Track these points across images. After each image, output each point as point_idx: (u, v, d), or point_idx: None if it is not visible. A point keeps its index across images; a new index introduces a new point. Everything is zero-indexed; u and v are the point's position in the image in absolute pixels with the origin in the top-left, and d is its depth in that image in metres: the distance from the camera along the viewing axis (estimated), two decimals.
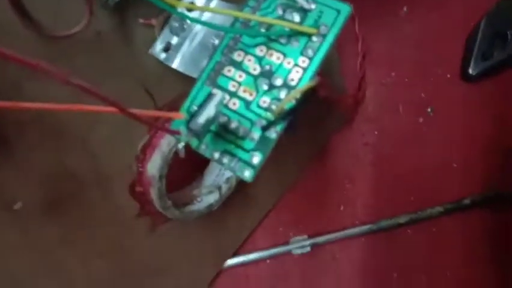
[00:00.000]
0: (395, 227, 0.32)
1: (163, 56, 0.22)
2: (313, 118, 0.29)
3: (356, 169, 0.33)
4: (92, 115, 0.22)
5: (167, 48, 0.22)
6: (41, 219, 0.22)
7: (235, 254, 0.32)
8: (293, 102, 0.18)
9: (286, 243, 0.32)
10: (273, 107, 0.18)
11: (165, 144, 0.23)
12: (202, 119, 0.15)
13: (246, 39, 0.19)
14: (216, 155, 0.19)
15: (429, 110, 0.34)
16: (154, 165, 0.24)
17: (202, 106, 0.16)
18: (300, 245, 0.32)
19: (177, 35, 0.22)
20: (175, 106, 0.24)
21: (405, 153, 0.33)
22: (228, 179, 0.27)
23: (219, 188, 0.27)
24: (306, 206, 0.33)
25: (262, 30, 0.19)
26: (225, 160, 0.18)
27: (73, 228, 0.23)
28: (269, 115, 0.18)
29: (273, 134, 0.18)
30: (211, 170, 0.28)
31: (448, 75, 0.34)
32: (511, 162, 0.32)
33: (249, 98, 0.19)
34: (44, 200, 0.22)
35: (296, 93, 0.18)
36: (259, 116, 0.19)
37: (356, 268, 0.32)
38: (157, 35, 0.22)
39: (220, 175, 0.28)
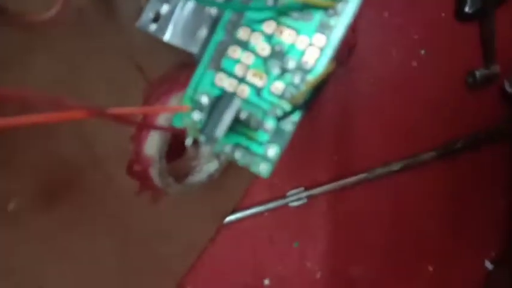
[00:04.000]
0: (389, 174, 0.32)
1: (152, 28, 0.20)
2: None
3: (348, 118, 0.33)
4: (81, 97, 0.20)
5: (156, 19, 0.20)
6: (39, 212, 0.21)
7: (233, 211, 0.32)
8: (311, 90, 0.16)
9: (283, 196, 0.32)
10: (288, 93, 0.17)
11: (162, 121, 0.22)
12: (220, 131, 0.14)
13: (251, 13, 0.17)
14: (227, 149, 0.17)
15: (422, 52, 0.33)
16: (152, 146, 0.22)
17: (217, 113, 0.14)
18: (296, 198, 0.32)
19: (167, 1, 0.20)
20: (168, 78, 0.22)
21: (398, 99, 0.33)
22: None
23: (218, 155, 0.27)
24: (301, 157, 0.33)
25: (270, 2, 0.17)
26: (238, 155, 0.17)
27: (73, 214, 0.22)
28: (284, 104, 0.17)
29: (289, 125, 0.17)
30: None
31: (443, 14, 0.33)
32: (501, 101, 0.33)
33: (259, 83, 0.17)
34: (40, 193, 0.20)
35: (314, 82, 0.16)
36: (272, 104, 0.17)
37: (351, 216, 0.33)
38: (143, 4, 0.19)
39: None
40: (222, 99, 0.15)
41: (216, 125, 0.14)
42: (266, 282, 0.32)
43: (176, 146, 0.25)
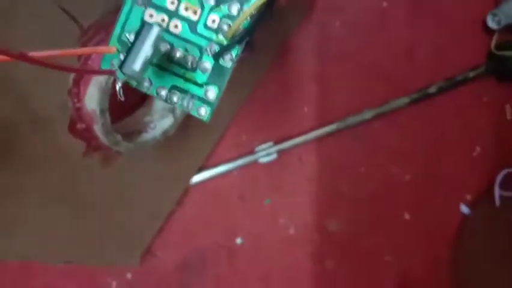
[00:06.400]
0: (362, 122, 0.31)
1: None
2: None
3: (318, 66, 0.31)
4: None
5: None
6: None
7: (200, 170, 0.30)
8: (248, 19, 0.15)
9: (252, 152, 0.31)
10: (225, 27, 0.15)
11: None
12: (138, 64, 0.12)
13: None
14: (163, 93, 0.16)
15: None
16: (92, 99, 0.20)
17: (135, 44, 0.12)
18: (266, 153, 0.31)
19: None
20: (104, 24, 0.20)
21: (369, 43, 0.31)
22: None
23: (173, 110, 0.25)
24: (269, 111, 0.31)
25: None
26: (175, 98, 0.16)
27: (15, 179, 0.20)
28: (221, 38, 0.15)
29: (228, 62, 0.15)
30: None
31: None
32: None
33: (193, 17, 0.15)
34: None
35: (251, 9, 0.14)
36: (208, 39, 0.15)
37: (324, 168, 0.31)
38: None
39: None
40: (140, 30, 0.13)
41: (134, 59, 0.12)
42: (238, 241, 0.31)
43: (126, 102, 0.23)
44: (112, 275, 0.30)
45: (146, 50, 0.12)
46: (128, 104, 0.24)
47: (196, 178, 0.31)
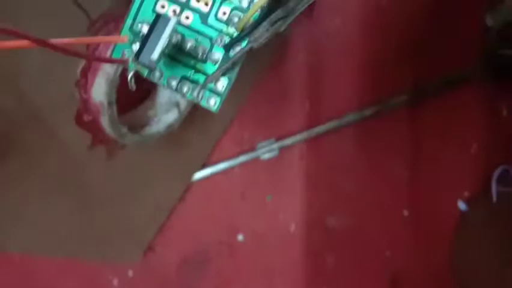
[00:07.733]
0: (361, 120, 0.31)
1: None
2: None
3: (318, 63, 0.31)
4: None
5: None
6: None
7: (202, 166, 0.31)
8: (259, 12, 0.15)
9: (254, 149, 0.31)
10: (235, 19, 0.15)
11: (109, 65, 0.20)
12: (156, 53, 0.12)
13: None
14: (174, 83, 0.16)
15: None
16: (99, 91, 0.21)
17: (152, 35, 0.13)
18: (267, 149, 0.31)
19: None
20: (113, 16, 0.21)
21: (369, 39, 0.31)
22: None
23: (177, 104, 0.25)
24: (270, 107, 0.32)
25: None
26: (185, 88, 0.16)
27: (17, 172, 0.20)
28: (231, 30, 0.15)
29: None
30: None
31: None
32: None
33: (204, 9, 0.16)
34: None
35: (262, 1, 0.15)
36: (219, 31, 0.16)
37: (324, 165, 0.32)
38: None
39: None
40: (156, 22, 0.13)
41: (151, 48, 0.12)
42: (240, 237, 0.31)
43: (130, 96, 0.23)
44: (113, 272, 0.30)
45: (163, 40, 0.12)
46: (132, 97, 0.24)
47: (198, 174, 0.31)
